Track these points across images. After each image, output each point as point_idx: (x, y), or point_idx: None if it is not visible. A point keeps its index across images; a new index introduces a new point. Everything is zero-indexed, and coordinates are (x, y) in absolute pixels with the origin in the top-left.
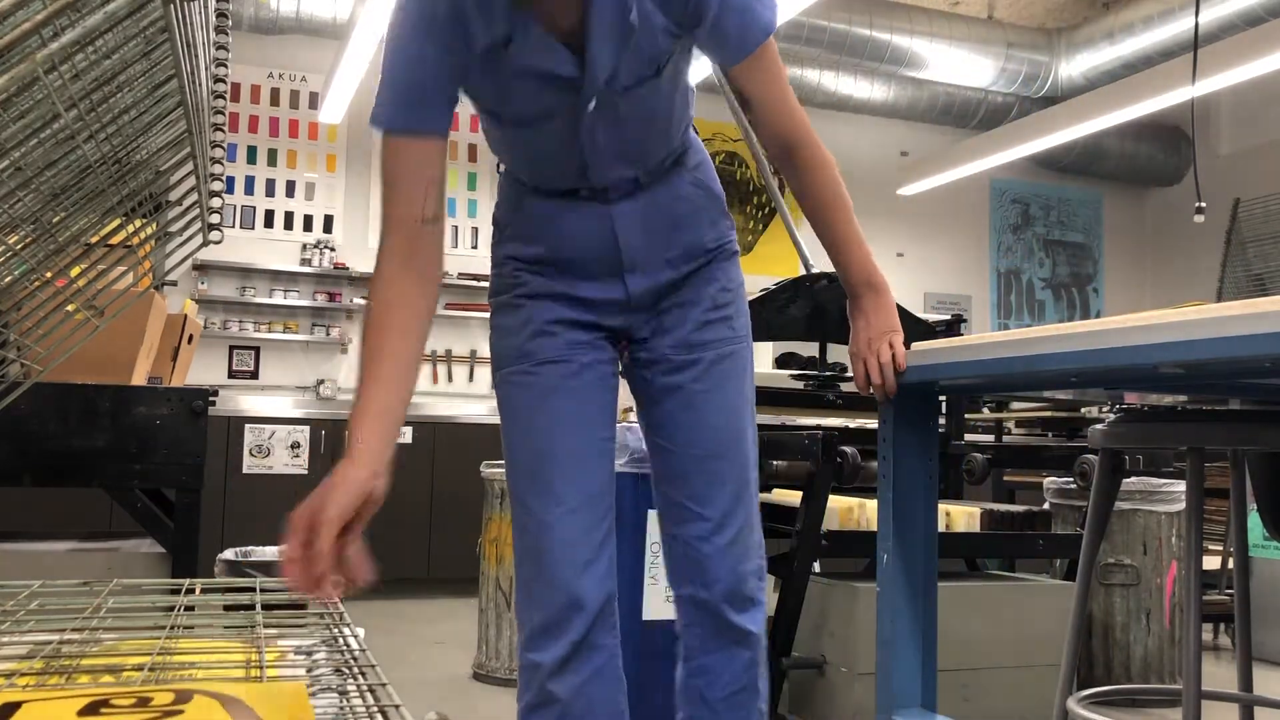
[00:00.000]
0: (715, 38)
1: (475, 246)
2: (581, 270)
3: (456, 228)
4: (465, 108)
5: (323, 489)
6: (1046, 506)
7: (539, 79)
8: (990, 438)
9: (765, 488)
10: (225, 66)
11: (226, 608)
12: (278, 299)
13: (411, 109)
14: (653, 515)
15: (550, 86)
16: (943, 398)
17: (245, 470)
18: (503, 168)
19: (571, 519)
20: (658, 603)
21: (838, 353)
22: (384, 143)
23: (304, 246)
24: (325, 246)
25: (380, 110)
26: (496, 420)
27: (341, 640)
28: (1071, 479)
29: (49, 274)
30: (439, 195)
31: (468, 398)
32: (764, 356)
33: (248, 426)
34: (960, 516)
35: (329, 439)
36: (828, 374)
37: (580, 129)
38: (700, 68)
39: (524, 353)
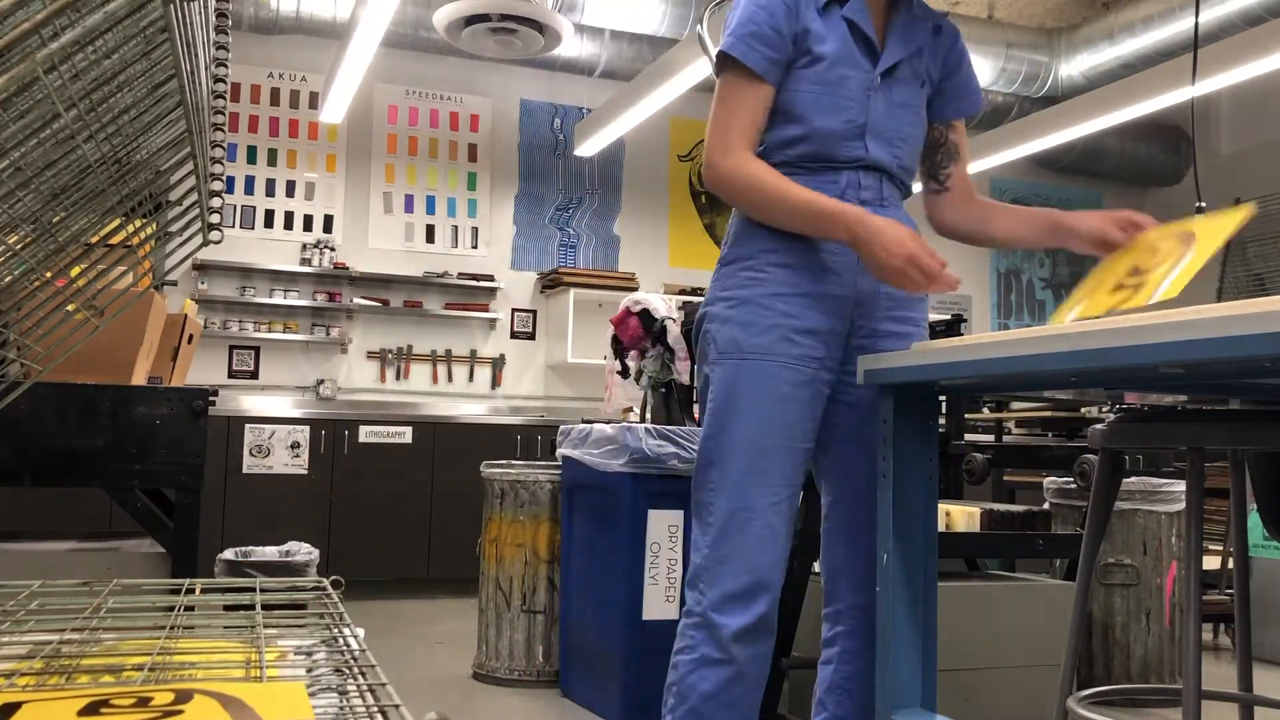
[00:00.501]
0: (959, 89)
1: (475, 246)
2: (830, 260)
3: (456, 228)
4: (466, 107)
5: (889, 229)
6: (1046, 506)
7: (856, 34)
8: (990, 438)
9: None
10: (225, 66)
11: (226, 608)
12: (278, 299)
13: (770, 59)
14: (653, 515)
15: (861, 45)
16: (943, 398)
17: (245, 470)
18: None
19: (777, 509)
20: (657, 602)
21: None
22: (730, 79)
23: (304, 246)
24: (325, 246)
25: (753, 60)
26: (497, 420)
27: (341, 640)
28: (1071, 479)
29: (49, 274)
30: (762, 127)
31: (468, 398)
32: None
33: (248, 426)
34: (960, 516)
35: (329, 439)
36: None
37: (871, 90)
38: (696, 70)
39: (765, 350)
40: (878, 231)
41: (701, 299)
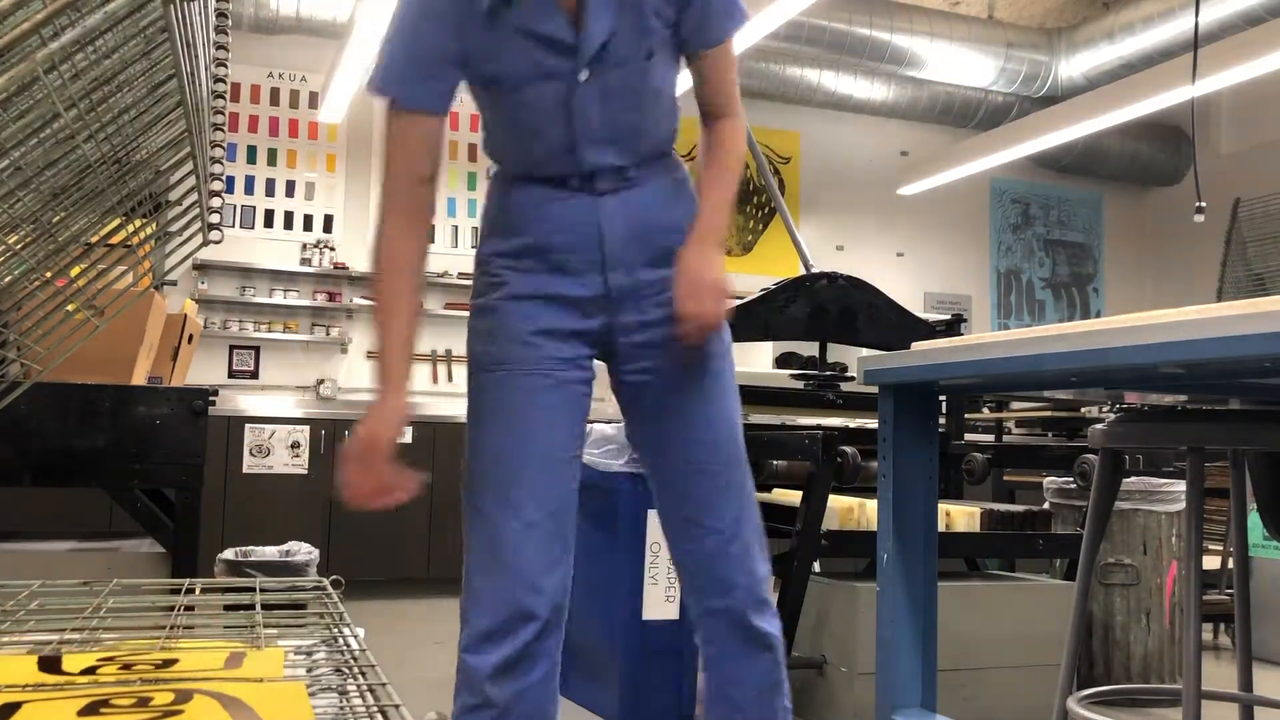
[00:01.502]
0: (694, 20)
1: (474, 246)
2: (563, 263)
3: (456, 227)
4: (466, 107)
5: (373, 418)
6: (1046, 506)
7: (537, 41)
8: (990, 438)
9: (765, 488)
10: (225, 66)
11: (226, 608)
12: (278, 299)
13: (413, 86)
14: (653, 515)
15: (547, 50)
16: (943, 398)
17: (245, 470)
18: (493, 170)
19: (530, 533)
20: (658, 602)
21: (838, 352)
22: (388, 113)
23: (304, 246)
24: (325, 246)
25: (387, 83)
26: None
27: (341, 640)
28: (1071, 479)
29: (49, 274)
30: (436, 157)
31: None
32: (764, 356)
33: (248, 426)
34: (960, 516)
35: (329, 438)
36: (828, 374)
37: (572, 98)
38: None
39: (501, 359)
40: (357, 428)
41: None
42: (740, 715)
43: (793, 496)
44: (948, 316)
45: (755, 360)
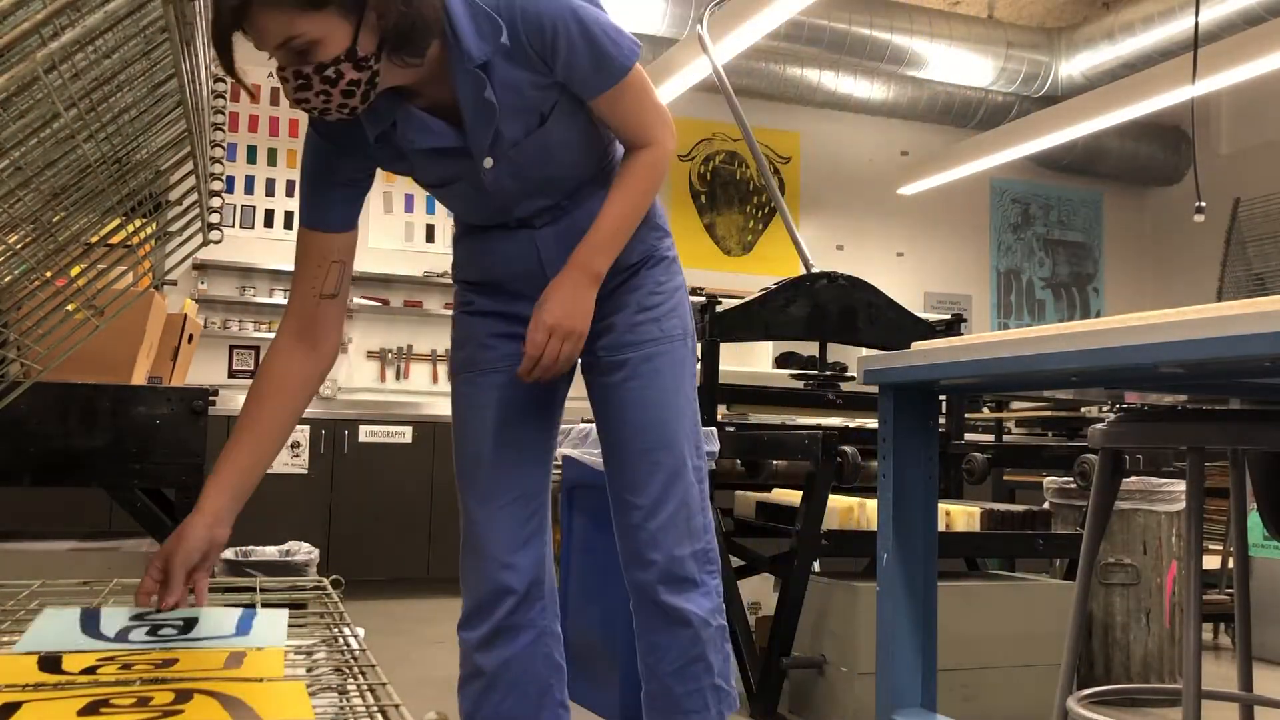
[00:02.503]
0: (576, 81)
1: None
2: (514, 290)
3: None
4: None
5: (174, 539)
6: (1046, 506)
7: (430, 153)
8: (990, 438)
9: (765, 488)
10: None
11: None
12: (278, 298)
13: (316, 210)
14: None
15: (444, 157)
16: (943, 398)
17: None
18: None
19: (500, 514)
20: None
21: (838, 352)
22: (297, 233)
23: None
24: None
25: (299, 208)
26: None
27: (341, 640)
28: (1071, 479)
29: (49, 274)
30: (340, 275)
31: None
32: (764, 356)
33: None
34: (960, 516)
35: (329, 439)
36: (828, 374)
37: (486, 182)
38: (696, 70)
39: (466, 363)
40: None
41: (701, 298)
42: (657, 684)
43: (793, 496)
44: (948, 316)
45: (755, 360)
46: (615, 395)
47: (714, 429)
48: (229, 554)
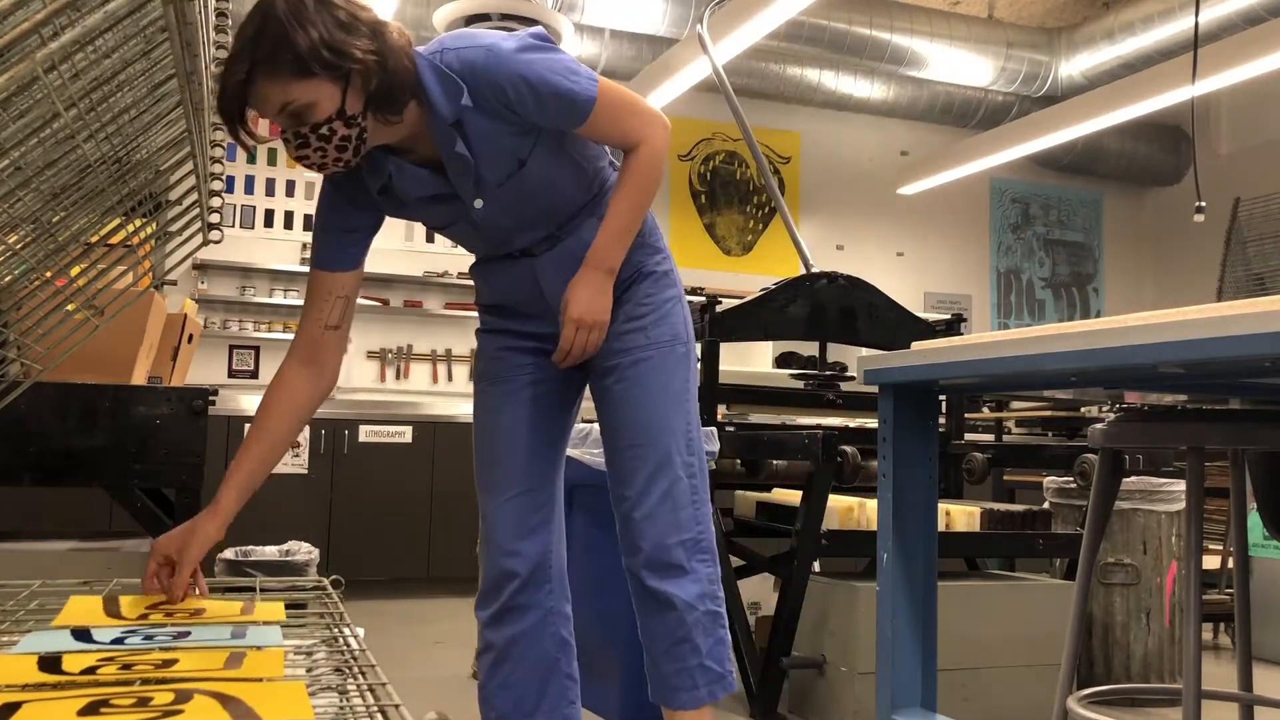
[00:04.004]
0: (544, 119)
1: None
2: (518, 312)
3: None
4: None
5: (184, 532)
6: (1046, 506)
7: (427, 200)
8: (990, 437)
9: (765, 487)
10: None
11: None
12: (278, 298)
13: (326, 251)
14: None
15: (438, 203)
16: (943, 398)
17: None
18: None
19: (507, 507)
20: None
21: (838, 352)
22: (310, 273)
23: (304, 246)
24: None
25: (311, 250)
26: None
27: (341, 640)
28: (1071, 478)
29: (49, 273)
30: (344, 308)
31: (468, 397)
32: (764, 356)
33: (248, 426)
34: (960, 516)
35: (329, 439)
36: (828, 374)
37: (480, 223)
38: (696, 70)
39: (482, 374)
40: (161, 539)
41: (701, 298)
42: (651, 663)
43: (793, 496)
44: (948, 316)
45: (755, 360)
46: (607, 396)
47: (714, 429)
48: (229, 554)
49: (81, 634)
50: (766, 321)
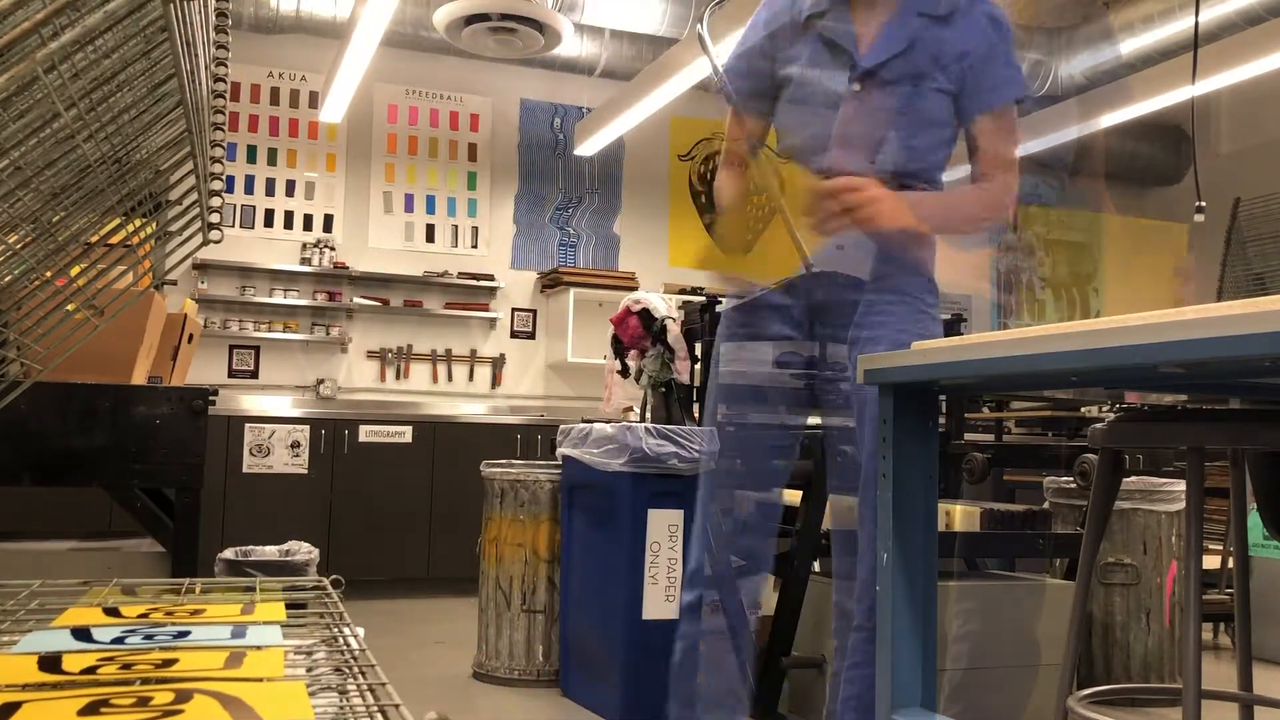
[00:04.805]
0: (975, 84)
1: (475, 246)
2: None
3: (456, 227)
4: (466, 107)
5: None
6: (1046, 506)
7: (828, 46)
8: (990, 437)
9: None
10: (225, 66)
11: None
12: (278, 298)
13: (747, 98)
14: (653, 514)
15: (835, 56)
16: (943, 398)
17: (245, 470)
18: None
19: (718, 516)
20: (658, 602)
21: (838, 352)
22: (730, 111)
23: (304, 246)
24: (325, 246)
25: (731, 92)
26: (497, 420)
27: (341, 640)
28: (1071, 478)
29: (49, 273)
30: (758, 138)
31: (468, 397)
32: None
33: (248, 426)
34: (960, 516)
35: (329, 439)
36: (828, 374)
37: (835, 103)
38: (696, 70)
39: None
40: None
41: (701, 299)
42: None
43: (793, 496)
44: (948, 316)
45: (755, 360)
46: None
47: (714, 429)
48: (229, 554)
49: (81, 634)
50: (766, 321)
